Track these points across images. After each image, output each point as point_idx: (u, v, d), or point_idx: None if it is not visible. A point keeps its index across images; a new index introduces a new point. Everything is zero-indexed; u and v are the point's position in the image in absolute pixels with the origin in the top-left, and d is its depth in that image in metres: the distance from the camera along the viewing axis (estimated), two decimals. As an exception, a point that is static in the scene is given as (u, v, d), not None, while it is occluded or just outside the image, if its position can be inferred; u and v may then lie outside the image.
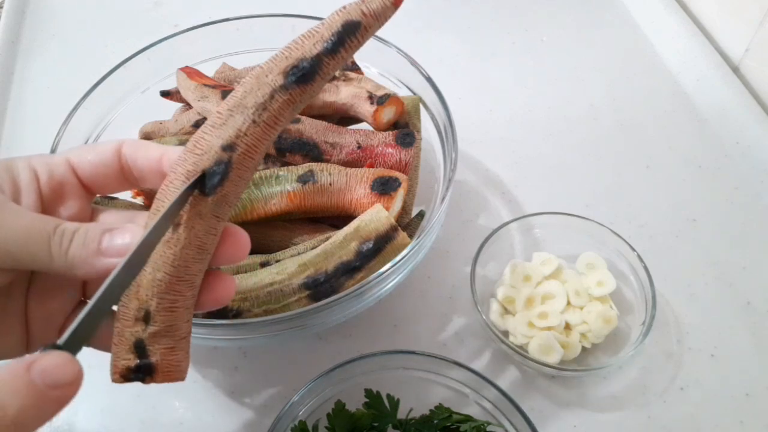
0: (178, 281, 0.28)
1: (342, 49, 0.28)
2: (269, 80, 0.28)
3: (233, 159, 0.27)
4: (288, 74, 0.27)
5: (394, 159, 0.45)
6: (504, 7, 0.74)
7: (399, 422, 0.40)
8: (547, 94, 0.65)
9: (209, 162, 0.27)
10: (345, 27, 0.28)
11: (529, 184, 0.57)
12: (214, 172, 0.27)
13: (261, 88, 0.28)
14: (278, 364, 0.47)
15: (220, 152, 0.27)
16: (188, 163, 0.28)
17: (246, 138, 0.27)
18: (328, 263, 0.41)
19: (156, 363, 0.28)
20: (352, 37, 0.28)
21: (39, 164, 0.30)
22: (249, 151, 0.28)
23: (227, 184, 0.28)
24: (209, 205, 0.28)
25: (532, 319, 0.45)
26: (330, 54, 0.28)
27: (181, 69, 0.51)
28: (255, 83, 0.28)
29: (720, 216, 0.55)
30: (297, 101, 0.28)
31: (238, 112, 0.27)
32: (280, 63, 0.28)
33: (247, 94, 0.28)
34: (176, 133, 0.49)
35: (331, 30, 0.28)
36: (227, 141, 0.27)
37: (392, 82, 0.53)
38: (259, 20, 0.54)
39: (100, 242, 0.27)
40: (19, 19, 0.74)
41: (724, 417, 0.44)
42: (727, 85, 0.63)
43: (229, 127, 0.27)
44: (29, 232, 0.27)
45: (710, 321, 0.48)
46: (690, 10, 0.71)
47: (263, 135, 0.28)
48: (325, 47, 0.27)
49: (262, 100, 0.27)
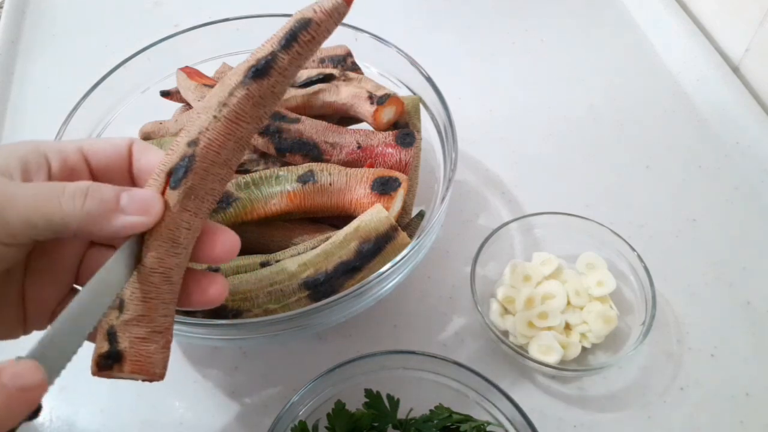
0: (152, 272, 0.29)
1: (295, 44, 0.30)
2: (231, 81, 0.30)
3: (196, 152, 0.29)
4: (246, 74, 0.30)
5: (394, 159, 0.45)
6: (504, 7, 0.74)
7: (399, 422, 0.40)
8: (547, 94, 0.65)
9: (176, 158, 0.29)
10: (297, 23, 0.30)
11: (529, 184, 0.57)
12: (180, 167, 0.29)
13: (223, 90, 0.30)
14: (278, 364, 0.47)
15: (185, 148, 0.29)
16: (162, 164, 0.30)
17: (208, 133, 0.29)
18: (328, 263, 0.41)
19: (124, 350, 0.29)
20: (304, 32, 0.30)
21: (51, 150, 0.30)
22: (211, 144, 0.29)
23: (191, 176, 0.29)
24: (176, 197, 0.29)
25: (532, 319, 0.45)
26: (284, 49, 0.30)
27: (181, 69, 0.51)
28: (219, 87, 0.30)
29: (720, 216, 0.55)
30: (255, 95, 0.30)
31: (204, 112, 0.30)
32: (242, 66, 0.30)
33: (212, 97, 0.30)
34: (176, 133, 0.49)
35: (284, 30, 0.30)
36: (192, 137, 0.29)
37: (392, 82, 0.53)
38: (259, 20, 0.54)
39: (119, 199, 0.28)
40: (19, 19, 0.74)
41: (724, 417, 0.44)
42: (727, 85, 0.63)
43: (194, 126, 0.30)
44: (36, 196, 0.27)
45: (710, 321, 0.48)
46: (690, 10, 0.71)
47: (225, 129, 0.30)
48: (279, 44, 0.30)
49: (223, 98, 0.30)
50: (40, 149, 0.30)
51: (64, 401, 0.45)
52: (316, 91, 0.48)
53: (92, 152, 0.31)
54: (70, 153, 0.30)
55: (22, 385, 0.23)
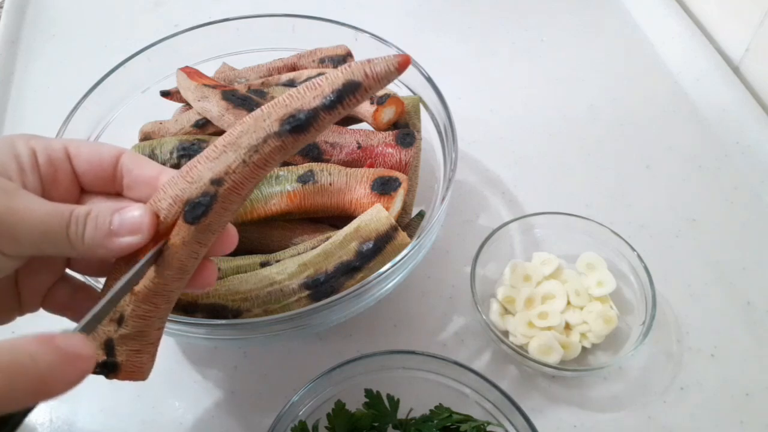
0: (155, 295, 0.30)
1: (339, 106, 0.28)
2: (266, 125, 0.28)
3: (219, 193, 0.29)
4: (284, 122, 0.28)
5: (394, 159, 0.45)
6: (504, 7, 0.74)
7: (399, 422, 0.40)
8: (547, 94, 0.65)
9: (197, 192, 0.29)
10: (346, 86, 0.28)
11: (529, 184, 0.57)
12: (200, 203, 0.29)
13: (257, 131, 0.29)
14: (278, 364, 0.47)
15: (208, 185, 0.29)
16: (177, 188, 0.29)
17: (234, 175, 0.29)
18: (328, 263, 0.41)
19: (121, 363, 0.30)
20: (351, 96, 0.28)
21: (38, 146, 0.30)
22: (235, 187, 0.29)
23: (211, 215, 0.29)
24: (192, 232, 0.29)
25: (532, 319, 0.45)
26: (327, 109, 0.28)
27: (181, 69, 0.51)
28: (252, 125, 0.29)
29: (720, 216, 0.55)
30: (288, 148, 0.29)
31: (231, 149, 0.29)
32: (279, 110, 0.29)
33: (242, 134, 0.29)
34: (176, 133, 0.49)
35: (332, 87, 0.28)
36: (216, 175, 0.29)
37: (392, 82, 0.53)
38: (259, 20, 0.54)
39: (111, 222, 0.29)
40: (19, 19, 0.74)
41: (724, 417, 0.44)
42: (727, 85, 0.63)
43: (220, 162, 0.29)
44: (47, 223, 0.27)
45: (710, 321, 0.48)
46: (690, 10, 0.71)
47: (251, 175, 0.29)
48: (323, 102, 0.28)
49: (255, 143, 0.28)
50: (30, 145, 0.30)
51: (64, 401, 0.45)
52: (316, 91, 0.48)
53: (75, 155, 0.31)
54: (56, 151, 0.31)
55: (77, 352, 0.24)
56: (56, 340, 0.24)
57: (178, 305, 0.40)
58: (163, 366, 0.46)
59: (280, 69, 0.52)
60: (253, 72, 0.53)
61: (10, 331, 0.47)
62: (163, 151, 0.46)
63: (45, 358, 0.23)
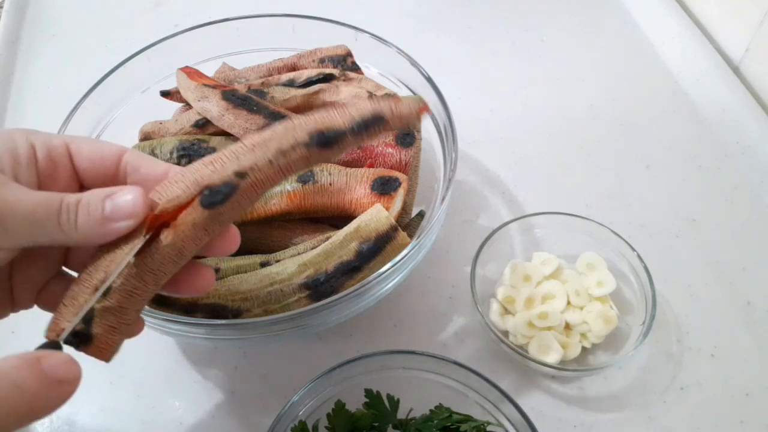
0: (149, 272, 0.30)
1: (363, 133, 0.31)
2: (296, 134, 0.30)
3: (240, 185, 0.30)
4: (313, 135, 0.31)
5: (394, 159, 0.45)
6: (504, 7, 0.74)
7: (399, 422, 0.40)
8: (547, 94, 0.65)
9: (219, 180, 0.30)
10: (373, 117, 0.31)
11: (529, 184, 0.57)
12: (220, 190, 0.29)
13: (286, 138, 0.30)
14: (278, 364, 0.47)
15: (232, 175, 0.30)
16: (198, 174, 0.30)
17: (258, 172, 0.30)
18: (328, 263, 0.41)
19: (95, 335, 0.30)
20: (375, 127, 0.32)
21: (38, 141, 0.30)
22: (256, 184, 0.30)
23: (227, 205, 0.30)
24: (204, 217, 0.30)
25: (532, 319, 0.45)
26: (352, 134, 0.31)
27: (181, 69, 0.51)
28: (282, 132, 0.31)
29: (720, 216, 0.55)
30: (311, 160, 0.31)
31: (260, 149, 0.30)
32: (310, 125, 0.31)
33: (272, 138, 0.30)
34: (176, 133, 0.49)
35: (361, 115, 0.31)
36: (242, 168, 0.30)
37: (392, 82, 0.53)
38: (259, 20, 0.54)
39: (104, 208, 0.28)
40: (19, 19, 0.74)
41: (724, 417, 0.44)
42: (727, 85, 0.63)
43: (247, 158, 0.30)
44: (36, 212, 0.27)
45: (710, 321, 0.48)
46: (690, 10, 0.71)
47: (274, 176, 0.31)
48: (350, 127, 0.31)
49: (284, 147, 0.30)
50: (29, 140, 0.30)
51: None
52: (316, 91, 0.48)
53: (76, 152, 0.31)
54: (56, 147, 0.30)
55: (61, 377, 0.24)
56: (42, 365, 0.23)
57: (178, 305, 0.40)
58: (163, 366, 0.47)
59: (280, 69, 0.52)
60: (253, 72, 0.53)
61: (10, 330, 0.48)
62: (163, 151, 0.46)
63: (31, 387, 0.23)
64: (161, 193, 0.29)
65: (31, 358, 0.24)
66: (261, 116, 0.45)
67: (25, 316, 0.33)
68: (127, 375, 0.46)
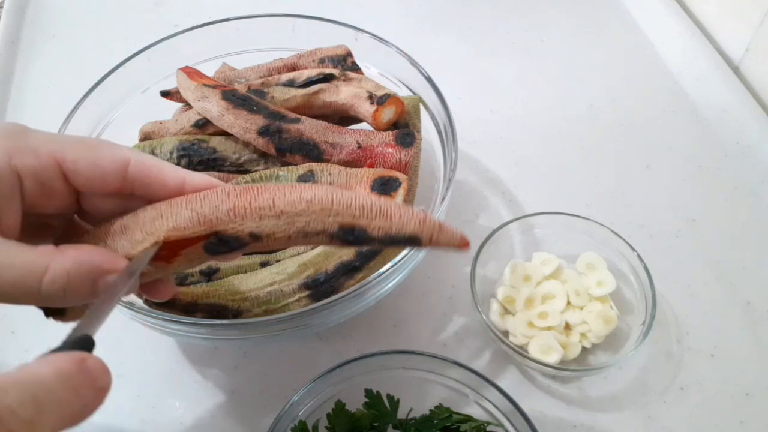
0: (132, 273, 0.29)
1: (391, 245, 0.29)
2: (328, 221, 0.29)
3: (249, 245, 0.29)
4: (344, 229, 0.29)
5: (394, 159, 0.45)
6: (504, 7, 0.74)
7: (399, 422, 0.40)
8: (547, 94, 0.65)
9: (231, 232, 0.28)
10: (410, 238, 0.29)
11: (529, 184, 0.57)
12: (228, 243, 0.29)
13: (316, 222, 0.29)
14: (278, 364, 0.47)
15: (246, 235, 0.29)
16: (214, 213, 0.28)
17: (271, 241, 0.29)
18: (328, 263, 0.41)
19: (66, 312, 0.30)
20: (407, 245, 0.29)
21: (24, 170, 0.27)
22: (263, 247, 0.29)
23: (230, 255, 0.30)
24: (202, 257, 0.29)
25: (532, 319, 0.45)
26: (381, 244, 0.29)
27: (181, 69, 0.51)
28: (317, 212, 0.29)
29: (720, 216, 0.55)
30: (326, 244, 0.30)
31: (284, 220, 0.29)
32: (347, 216, 0.29)
33: (303, 215, 0.29)
34: (176, 133, 0.49)
35: (400, 231, 0.29)
36: (259, 232, 0.29)
37: (392, 82, 0.53)
38: (259, 20, 0.54)
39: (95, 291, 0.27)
40: (19, 19, 0.74)
41: (724, 417, 0.44)
42: (727, 85, 0.63)
43: (268, 225, 0.29)
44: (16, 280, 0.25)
45: (710, 321, 0.48)
46: (690, 10, 0.71)
47: (283, 245, 0.30)
48: (383, 238, 0.29)
49: (309, 230, 0.29)
50: (12, 168, 0.26)
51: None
52: (316, 91, 0.48)
53: (72, 172, 0.28)
54: (46, 170, 0.27)
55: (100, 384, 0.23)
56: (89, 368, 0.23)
57: (178, 305, 0.40)
58: (163, 366, 0.47)
59: (280, 69, 0.52)
60: (253, 72, 0.53)
61: (10, 330, 0.48)
62: (163, 151, 0.46)
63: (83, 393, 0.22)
64: (168, 218, 0.28)
65: (78, 359, 0.23)
66: (261, 116, 0.45)
67: (24, 316, 0.33)
68: (127, 375, 0.46)
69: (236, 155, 0.47)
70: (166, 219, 0.28)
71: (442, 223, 0.29)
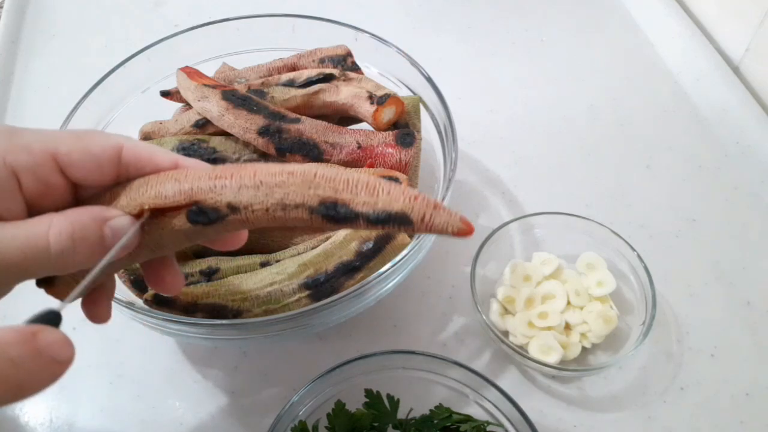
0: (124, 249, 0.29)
1: (378, 225, 0.27)
2: (308, 193, 0.27)
3: (228, 218, 0.28)
4: (325, 203, 0.27)
5: (394, 159, 0.45)
6: (504, 7, 0.74)
7: (399, 422, 0.40)
8: (547, 94, 0.65)
9: (211, 202, 0.28)
10: (398, 215, 0.26)
11: (529, 184, 0.57)
12: (207, 213, 0.28)
13: (295, 194, 0.27)
14: (278, 364, 0.47)
15: (224, 206, 0.28)
16: (196, 183, 0.28)
17: (249, 213, 0.28)
18: (328, 263, 0.41)
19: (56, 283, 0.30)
20: (395, 226, 0.27)
21: (20, 167, 0.27)
22: (244, 221, 0.28)
23: (210, 228, 0.28)
24: (187, 228, 0.29)
25: (532, 319, 0.45)
26: (366, 221, 0.27)
27: (181, 69, 0.51)
28: (297, 185, 0.27)
29: (720, 216, 0.55)
30: (310, 224, 0.28)
31: (263, 191, 0.27)
32: (328, 189, 0.27)
33: (282, 185, 0.27)
34: (176, 133, 0.49)
35: (386, 208, 0.26)
36: (236, 203, 0.28)
37: (392, 82, 0.53)
38: (259, 20, 0.54)
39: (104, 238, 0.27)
40: (19, 19, 0.74)
41: (724, 417, 0.44)
42: (727, 85, 0.63)
43: (246, 194, 0.28)
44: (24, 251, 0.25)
45: (710, 321, 0.48)
46: (690, 10, 0.71)
47: (263, 222, 0.28)
48: (367, 214, 0.27)
49: (287, 202, 0.27)
50: (7, 166, 0.26)
51: (64, 401, 0.45)
52: (316, 91, 0.48)
53: (67, 164, 0.28)
54: (41, 166, 0.27)
55: (56, 356, 0.23)
56: (39, 340, 0.23)
57: (178, 305, 0.40)
58: (163, 366, 0.47)
59: (280, 69, 0.52)
60: (253, 72, 0.53)
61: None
62: (163, 151, 0.46)
63: (25, 364, 0.22)
64: (153, 187, 0.28)
65: (27, 332, 0.23)
66: (261, 116, 0.45)
67: (24, 310, 0.32)
68: (127, 375, 0.46)
69: (236, 155, 0.47)
70: (151, 187, 0.28)
71: (437, 203, 0.27)
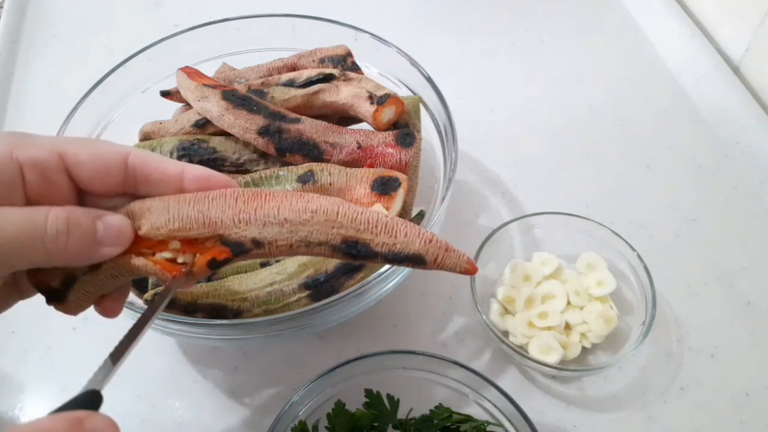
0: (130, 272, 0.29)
1: (394, 263, 0.29)
2: (331, 233, 0.28)
3: (251, 252, 0.29)
4: (346, 242, 0.28)
5: (394, 159, 0.45)
6: (504, 7, 0.74)
7: (399, 422, 0.40)
8: (547, 94, 0.65)
9: (234, 237, 0.28)
10: (414, 256, 0.29)
11: (529, 184, 0.57)
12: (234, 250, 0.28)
13: (319, 233, 0.28)
14: (278, 364, 0.47)
15: (248, 240, 0.28)
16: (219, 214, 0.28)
17: (273, 249, 0.29)
18: (328, 263, 0.41)
19: (68, 300, 0.30)
20: (410, 264, 0.29)
21: (25, 159, 0.27)
22: (265, 255, 0.29)
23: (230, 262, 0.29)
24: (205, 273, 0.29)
25: (532, 319, 0.45)
26: (384, 260, 0.29)
27: (181, 69, 0.51)
28: (321, 224, 0.28)
29: (720, 216, 0.55)
30: (329, 257, 0.29)
31: (288, 229, 0.28)
32: (350, 229, 0.29)
33: (306, 224, 0.28)
34: (176, 133, 0.49)
35: (405, 249, 0.29)
36: (260, 239, 0.28)
37: (392, 82, 0.53)
38: (259, 20, 0.54)
39: (96, 231, 0.27)
40: (19, 19, 0.74)
41: (724, 417, 0.44)
42: (727, 85, 0.63)
43: (271, 231, 0.28)
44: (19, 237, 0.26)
45: (710, 321, 0.48)
46: (690, 10, 0.71)
47: (286, 254, 0.29)
48: (385, 254, 0.29)
49: (311, 240, 0.28)
50: (13, 159, 0.27)
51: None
52: (316, 91, 0.48)
53: (75, 164, 0.28)
54: (48, 162, 0.28)
55: None
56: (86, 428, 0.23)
57: (178, 305, 0.40)
58: (163, 366, 0.47)
59: (280, 69, 0.52)
60: (253, 72, 0.53)
61: (11, 331, 0.48)
62: (163, 151, 0.46)
63: None
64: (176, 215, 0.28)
65: (74, 420, 0.23)
66: (261, 116, 0.45)
67: (24, 316, 0.33)
68: (127, 375, 0.46)
69: (236, 155, 0.47)
70: (173, 216, 0.28)
71: (449, 245, 0.29)
